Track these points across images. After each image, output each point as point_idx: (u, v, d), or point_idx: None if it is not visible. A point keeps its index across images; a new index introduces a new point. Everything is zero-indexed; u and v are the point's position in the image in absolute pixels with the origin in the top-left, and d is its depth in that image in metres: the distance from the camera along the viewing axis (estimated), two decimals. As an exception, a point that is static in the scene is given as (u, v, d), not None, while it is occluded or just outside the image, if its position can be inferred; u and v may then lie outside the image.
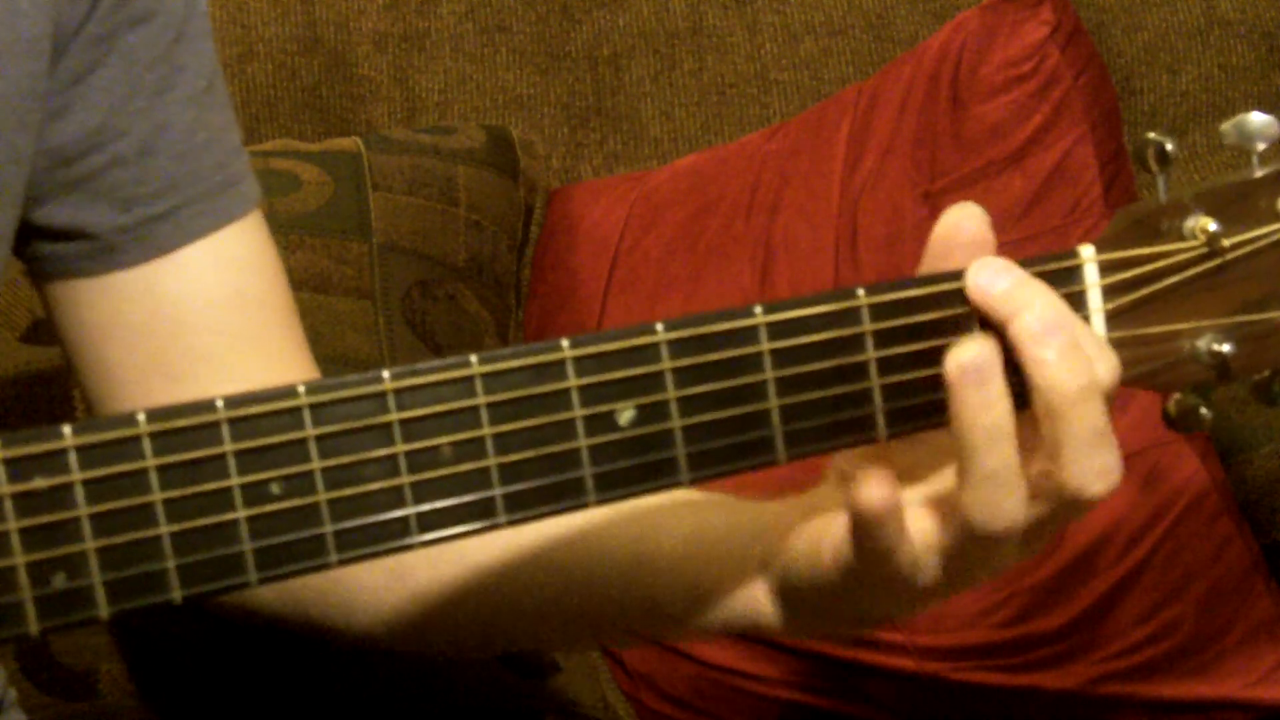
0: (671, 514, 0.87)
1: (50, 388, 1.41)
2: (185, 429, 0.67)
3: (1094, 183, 1.53)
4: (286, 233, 1.51)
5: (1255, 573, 1.46)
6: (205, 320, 0.97)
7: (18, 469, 0.66)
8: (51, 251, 0.96)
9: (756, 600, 0.83)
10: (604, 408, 0.72)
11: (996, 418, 0.73)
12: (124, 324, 0.96)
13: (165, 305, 0.96)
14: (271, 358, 0.99)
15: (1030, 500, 0.75)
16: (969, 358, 0.73)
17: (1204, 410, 0.81)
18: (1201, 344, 0.80)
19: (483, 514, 0.71)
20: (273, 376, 0.98)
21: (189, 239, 0.96)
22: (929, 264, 0.77)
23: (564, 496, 0.72)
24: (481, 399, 0.70)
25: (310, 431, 0.69)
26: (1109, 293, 0.78)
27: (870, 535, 0.74)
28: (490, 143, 1.66)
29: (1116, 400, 1.50)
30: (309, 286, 1.50)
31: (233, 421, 0.68)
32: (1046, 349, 0.74)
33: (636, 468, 0.72)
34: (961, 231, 0.76)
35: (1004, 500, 0.74)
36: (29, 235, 0.95)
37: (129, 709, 1.39)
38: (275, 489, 0.68)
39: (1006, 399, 0.73)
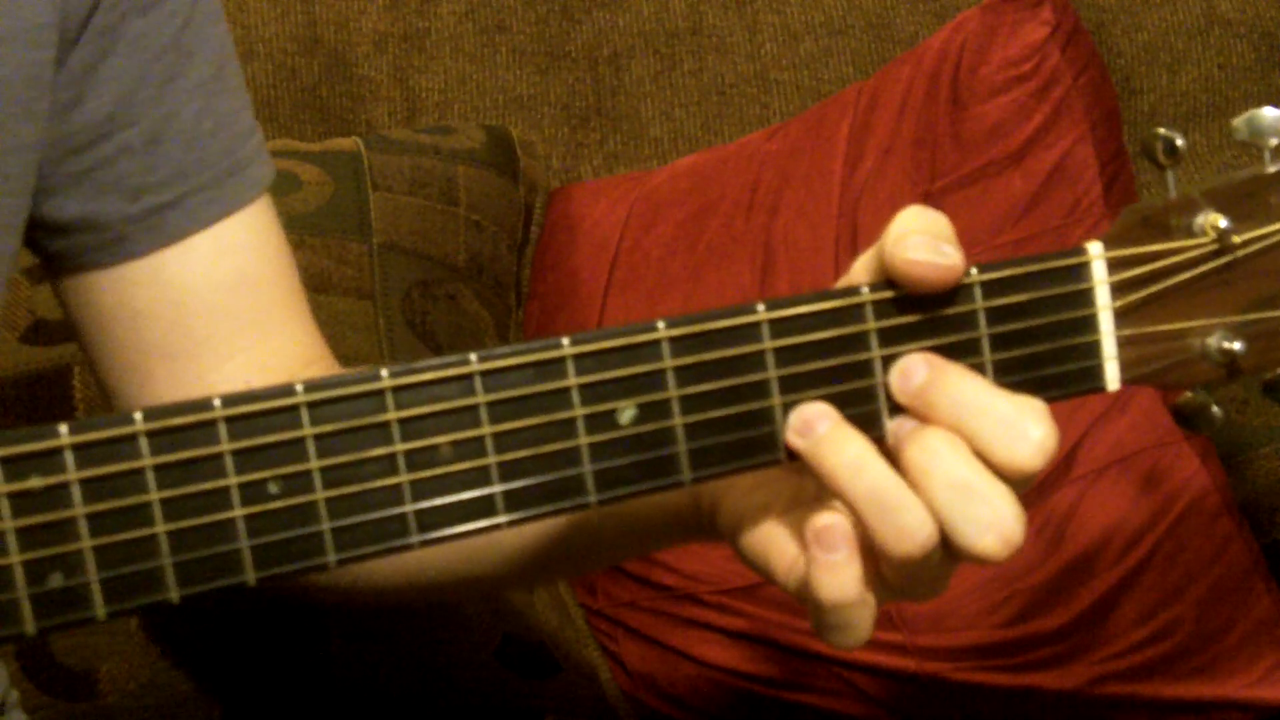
0: None
1: (50, 388, 1.40)
2: (182, 428, 0.67)
3: (1094, 183, 1.53)
4: (286, 233, 1.51)
5: (1255, 573, 1.46)
6: (208, 305, 0.97)
7: (14, 468, 0.65)
8: (62, 245, 0.96)
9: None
10: (604, 406, 0.71)
11: (844, 585, 0.74)
12: (129, 309, 0.96)
13: (170, 291, 0.96)
14: (274, 339, 0.99)
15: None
16: (823, 523, 0.74)
17: (1214, 409, 0.80)
18: (1211, 342, 0.79)
19: (482, 512, 0.71)
20: (275, 358, 0.98)
21: (198, 227, 0.96)
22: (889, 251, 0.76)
23: (564, 495, 0.71)
24: (481, 397, 0.70)
25: (308, 430, 0.68)
26: (1117, 290, 0.77)
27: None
28: (490, 143, 1.66)
29: (1116, 400, 1.51)
30: (309, 286, 1.48)
31: (230, 420, 0.67)
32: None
33: (637, 465, 0.72)
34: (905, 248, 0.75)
35: (853, 621, 0.75)
36: (40, 229, 0.95)
37: (129, 709, 1.39)
38: (273, 488, 0.68)
39: (856, 573, 0.74)
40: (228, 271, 0.97)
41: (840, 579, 0.73)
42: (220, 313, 0.97)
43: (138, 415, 0.66)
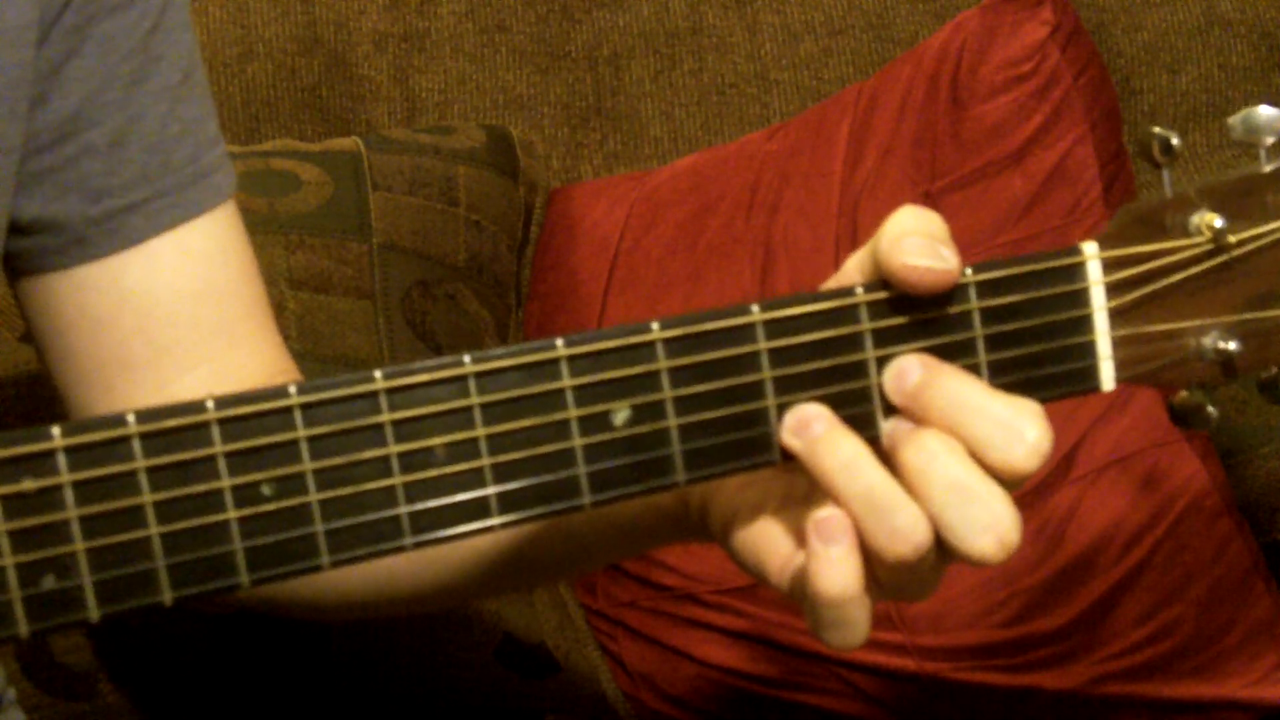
0: None
1: (50, 388, 1.40)
2: (175, 430, 0.67)
3: (1094, 183, 1.53)
4: (286, 233, 1.51)
5: (1255, 573, 1.46)
6: (171, 313, 0.96)
7: (7, 470, 0.65)
8: (21, 245, 0.95)
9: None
10: (599, 407, 0.71)
11: (845, 578, 0.73)
12: (89, 316, 0.95)
13: (131, 297, 0.95)
14: (238, 351, 0.98)
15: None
16: (823, 515, 0.73)
17: (1209, 408, 0.80)
18: (1207, 341, 0.79)
19: (477, 514, 0.71)
20: (239, 370, 0.97)
21: (158, 230, 0.95)
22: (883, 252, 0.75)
23: (559, 497, 0.71)
24: (475, 399, 0.70)
25: (302, 432, 0.68)
26: (1112, 290, 0.77)
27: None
28: (490, 143, 1.66)
29: (1116, 400, 1.51)
30: (309, 286, 1.49)
31: (223, 422, 0.67)
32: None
33: (632, 467, 0.72)
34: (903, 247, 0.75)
35: (851, 619, 0.75)
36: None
37: (129, 709, 1.39)
38: (266, 490, 0.68)
39: (856, 566, 0.73)
40: (191, 279, 0.96)
41: (840, 572, 0.73)
42: (183, 321, 0.96)
43: (130, 417, 0.66)
